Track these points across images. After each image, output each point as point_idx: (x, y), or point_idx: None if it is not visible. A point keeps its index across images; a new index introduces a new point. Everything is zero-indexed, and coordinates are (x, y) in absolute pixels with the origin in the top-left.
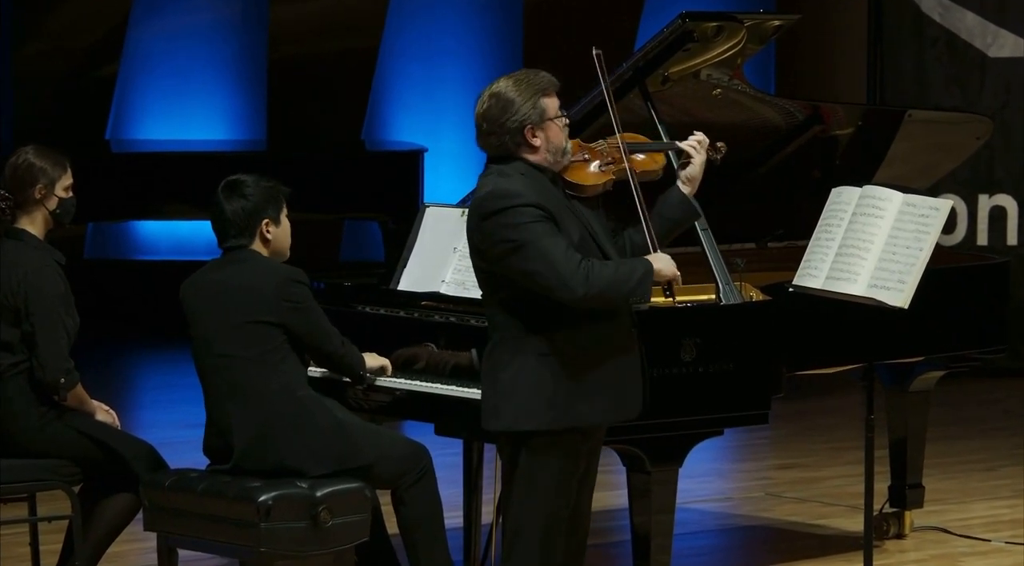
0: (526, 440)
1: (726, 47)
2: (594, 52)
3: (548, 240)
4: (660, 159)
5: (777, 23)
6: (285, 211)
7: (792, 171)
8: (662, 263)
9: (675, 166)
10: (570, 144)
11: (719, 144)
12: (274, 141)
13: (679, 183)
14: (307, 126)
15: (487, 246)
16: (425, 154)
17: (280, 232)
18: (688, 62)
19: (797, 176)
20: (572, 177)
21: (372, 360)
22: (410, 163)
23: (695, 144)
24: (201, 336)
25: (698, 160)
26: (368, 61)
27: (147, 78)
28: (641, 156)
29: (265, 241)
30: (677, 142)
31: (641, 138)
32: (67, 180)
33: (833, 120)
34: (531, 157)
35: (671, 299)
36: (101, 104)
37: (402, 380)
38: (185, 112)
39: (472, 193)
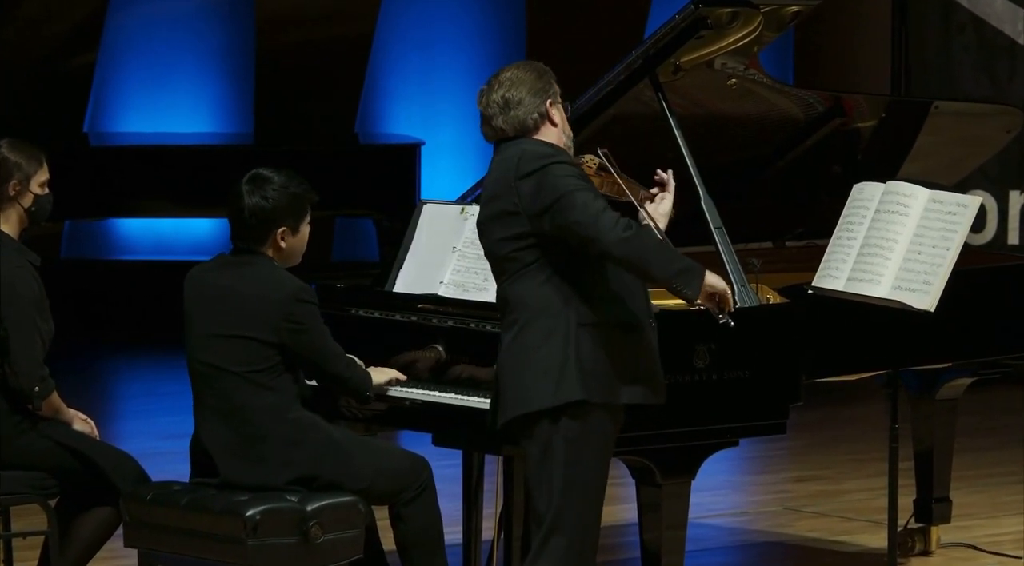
0: (570, 415)
1: (742, 34)
2: (599, 151)
3: (587, 193)
4: (638, 188)
5: (796, 9)
6: (308, 219)
7: (811, 166)
8: (714, 277)
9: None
10: None
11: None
12: (262, 134)
13: (651, 221)
14: (297, 118)
15: (525, 204)
16: (422, 148)
17: (295, 241)
18: (701, 50)
19: (817, 171)
20: None
21: (380, 375)
22: (406, 157)
23: (666, 180)
24: (193, 337)
25: (670, 197)
26: (362, 49)
27: (127, 67)
28: (621, 178)
29: (278, 248)
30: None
31: None
32: (43, 176)
33: (855, 112)
34: (548, 136)
35: (726, 321)
36: (79, 95)
37: (398, 388)
38: (168, 103)
39: (499, 166)
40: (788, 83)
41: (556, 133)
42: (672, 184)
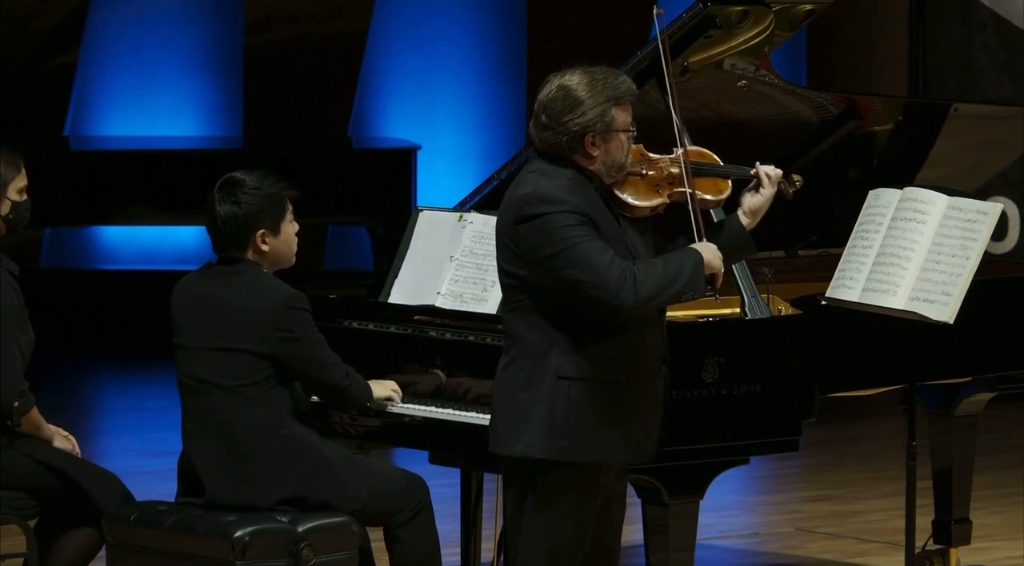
0: (544, 469)
1: (752, 34)
2: (655, 11)
3: (588, 244)
4: (725, 187)
5: (808, 7)
6: (289, 217)
7: (825, 171)
8: (710, 253)
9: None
10: (630, 157)
11: (795, 177)
12: (251, 138)
13: (740, 213)
14: (287, 121)
15: (524, 250)
16: (419, 152)
17: (278, 242)
18: (710, 50)
19: (831, 177)
20: (623, 194)
21: (380, 388)
22: (402, 162)
23: (767, 175)
24: (181, 350)
25: (767, 192)
26: (356, 48)
27: (111, 67)
28: (704, 180)
29: (260, 252)
30: (750, 170)
31: (709, 155)
32: (21, 181)
33: (871, 115)
34: (583, 163)
35: (715, 297)
36: (59, 96)
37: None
38: (153, 105)
39: (513, 187)
40: (801, 85)
41: (593, 164)
42: (773, 175)
